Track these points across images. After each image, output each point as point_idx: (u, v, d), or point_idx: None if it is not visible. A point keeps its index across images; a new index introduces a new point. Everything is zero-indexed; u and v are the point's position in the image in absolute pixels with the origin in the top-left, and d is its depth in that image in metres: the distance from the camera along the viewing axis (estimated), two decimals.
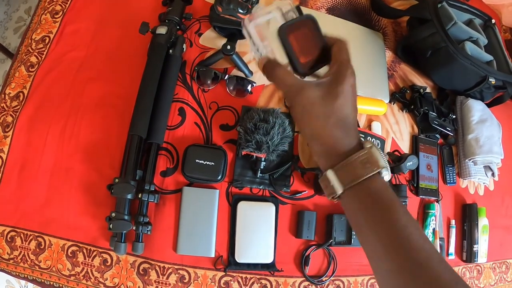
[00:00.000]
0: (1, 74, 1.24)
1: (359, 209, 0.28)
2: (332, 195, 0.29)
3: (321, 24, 0.69)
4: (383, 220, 0.27)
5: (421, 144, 0.68)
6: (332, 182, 0.28)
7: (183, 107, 0.57)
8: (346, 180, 0.27)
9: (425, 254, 0.25)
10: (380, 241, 0.27)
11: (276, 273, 0.53)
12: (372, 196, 0.27)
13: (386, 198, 0.27)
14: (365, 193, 0.27)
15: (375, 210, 0.27)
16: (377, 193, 0.27)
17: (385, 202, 0.27)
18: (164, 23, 0.57)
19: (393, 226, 0.26)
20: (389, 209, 0.27)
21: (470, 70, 0.66)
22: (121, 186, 0.49)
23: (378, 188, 0.27)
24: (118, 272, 0.51)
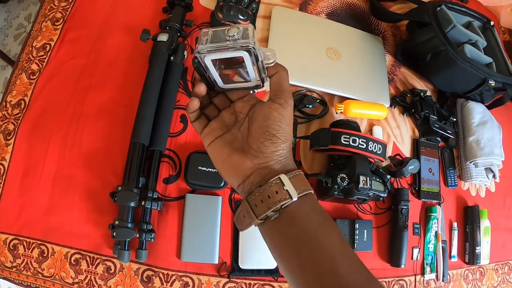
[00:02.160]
0: (1, 81, 1.24)
1: (284, 235, 0.26)
2: (282, 202, 0.25)
3: (322, 29, 0.69)
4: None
5: (422, 147, 0.68)
6: (286, 186, 0.25)
7: (185, 114, 0.57)
8: (303, 186, 0.26)
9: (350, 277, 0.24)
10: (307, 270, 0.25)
11: (280, 278, 0.53)
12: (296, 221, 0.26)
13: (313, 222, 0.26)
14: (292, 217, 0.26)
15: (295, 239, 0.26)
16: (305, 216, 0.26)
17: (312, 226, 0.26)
18: (165, 30, 0.57)
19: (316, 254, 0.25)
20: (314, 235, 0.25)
21: (470, 72, 0.67)
22: (124, 194, 0.49)
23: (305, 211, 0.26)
24: (121, 279, 0.51)
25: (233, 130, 0.31)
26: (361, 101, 0.63)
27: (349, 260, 0.25)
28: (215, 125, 0.31)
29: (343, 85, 0.63)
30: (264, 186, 0.26)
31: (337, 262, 0.24)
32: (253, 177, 0.27)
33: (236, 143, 0.30)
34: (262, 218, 0.26)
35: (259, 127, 0.28)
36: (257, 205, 0.26)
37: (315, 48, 0.64)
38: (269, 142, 0.27)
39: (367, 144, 0.54)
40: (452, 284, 0.66)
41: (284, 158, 0.28)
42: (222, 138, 0.30)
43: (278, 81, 0.28)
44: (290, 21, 0.66)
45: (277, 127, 0.27)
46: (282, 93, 0.28)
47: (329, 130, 0.53)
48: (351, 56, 0.66)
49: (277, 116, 0.27)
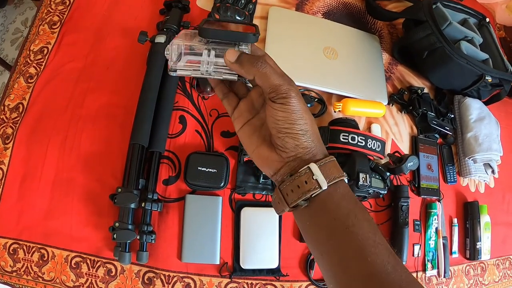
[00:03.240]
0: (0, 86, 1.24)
1: (316, 222, 0.26)
2: (311, 191, 0.25)
3: (319, 29, 0.70)
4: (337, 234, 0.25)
5: (421, 144, 0.69)
6: (316, 175, 0.25)
7: (184, 115, 0.57)
8: (330, 176, 0.26)
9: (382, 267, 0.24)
10: (336, 257, 0.25)
11: (282, 278, 0.53)
12: (328, 208, 0.26)
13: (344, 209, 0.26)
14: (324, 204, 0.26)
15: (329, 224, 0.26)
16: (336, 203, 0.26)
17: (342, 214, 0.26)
18: (163, 31, 0.57)
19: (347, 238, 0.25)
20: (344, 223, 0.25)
21: (467, 69, 0.67)
22: (124, 196, 0.49)
23: (338, 198, 0.26)
24: (123, 282, 0.51)
25: (261, 113, 0.29)
26: (359, 99, 0.63)
27: (377, 248, 0.24)
28: (243, 107, 0.30)
29: (341, 84, 0.63)
30: (294, 176, 0.26)
31: (365, 250, 0.24)
32: (283, 169, 0.27)
33: (263, 131, 0.29)
34: (293, 206, 0.26)
35: (273, 127, 0.27)
36: (288, 194, 0.26)
37: (312, 48, 0.64)
38: (289, 138, 0.26)
39: (366, 142, 0.54)
40: (453, 280, 0.66)
41: (311, 148, 0.27)
42: (251, 123, 0.30)
43: (264, 82, 0.26)
44: (287, 21, 0.66)
45: (289, 125, 0.26)
46: (276, 90, 0.25)
47: (327, 129, 0.54)
48: (348, 55, 0.67)
49: (283, 115, 0.26)
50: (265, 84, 0.26)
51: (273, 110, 0.26)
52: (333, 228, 0.25)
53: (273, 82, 0.26)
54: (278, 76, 0.26)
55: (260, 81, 0.26)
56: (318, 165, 0.26)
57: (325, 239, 0.26)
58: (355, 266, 0.24)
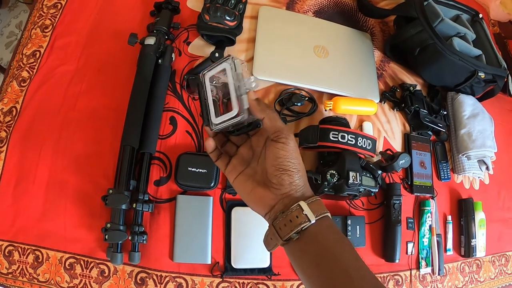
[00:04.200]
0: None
1: (306, 255, 0.30)
2: (302, 224, 0.29)
3: (309, 27, 0.70)
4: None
5: (414, 141, 0.69)
6: (305, 211, 0.30)
7: (174, 116, 0.58)
8: (320, 210, 0.30)
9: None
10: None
11: (273, 277, 0.54)
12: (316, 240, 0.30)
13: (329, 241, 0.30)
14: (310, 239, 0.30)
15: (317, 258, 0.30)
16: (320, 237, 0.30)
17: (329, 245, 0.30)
18: (153, 33, 0.58)
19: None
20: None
21: (459, 65, 0.67)
22: (114, 197, 0.49)
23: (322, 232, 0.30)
24: (116, 282, 0.51)
25: (252, 164, 0.35)
26: (350, 97, 0.63)
27: (360, 271, 0.29)
28: (235, 162, 0.35)
29: (332, 82, 0.63)
30: (287, 212, 0.30)
31: (350, 273, 0.28)
32: (277, 206, 0.31)
33: (257, 176, 0.34)
34: (286, 239, 0.30)
35: (272, 165, 0.31)
36: (281, 228, 0.30)
37: (303, 47, 0.64)
38: (286, 176, 0.31)
39: (356, 140, 0.54)
40: (448, 278, 0.66)
41: (302, 186, 0.31)
42: (244, 173, 0.34)
43: (271, 123, 0.31)
44: (277, 21, 0.66)
45: (288, 162, 0.31)
46: (280, 132, 0.31)
47: (317, 127, 0.54)
48: (339, 53, 0.67)
49: (284, 153, 0.31)
50: (272, 125, 0.31)
51: (275, 149, 0.31)
52: (322, 256, 0.29)
53: (279, 125, 0.31)
54: (281, 121, 0.32)
55: (268, 122, 0.32)
56: (306, 203, 0.30)
57: (315, 267, 0.29)
58: (343, 287, 0.28)
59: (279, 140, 0.31)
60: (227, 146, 0.37)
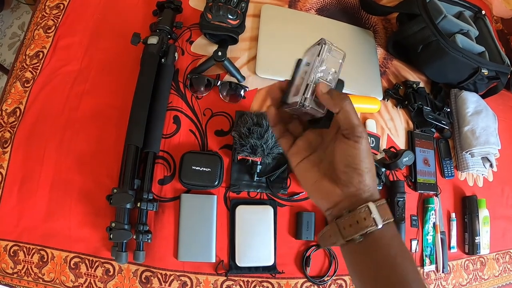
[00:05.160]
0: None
1: (365, 260, 0.29)
2: (368, 228, 0.28)
3: (312, 25, 0.70)
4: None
5: (417, 139, 0.68)
6: (374, 214, 0.28)
7: (178, 115, 0.58)
8: (387, 214, 0.28)
9: None
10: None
11: (278, 275, 0.54)
12: (380, 247, 0.28)
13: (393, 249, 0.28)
14: (375, 243, 0.28)
15: (377, 265, 0.28)
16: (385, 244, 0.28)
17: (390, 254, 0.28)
18: (155, 33, 0.58)
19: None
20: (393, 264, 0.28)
21: (462, 62, 0.67)
22: (119, 196, 0.49)
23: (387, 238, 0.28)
24: (121, 281, 0.51)
25: (319, 151, 0.32)
26: (353, 95, 0.63)
27: (418, 283, 0.28)
28: (301, 144, 0.32)
29: None
30: (354, 212, 0.28)
31: (408, 285, 0.27)
32: (342, 203, 0.29)
33: (323, 166, 0.31)
34: (348, 240, 0.28)
35: (341, 161, 0.29)
36: (345, 228, 0.28)
37: (305, 45, 0.64)
38: (355, 174, 0.29)
39: None
40: (452, 275, 0.66)
41: (370, 187, 0.29)
42: (309, 159, 0.32)
43: (345, 119, 0.28)
44: (280, 19, 0.66)
45: (358, 161, 0.28)
46: (353, 130, 0.28)
47: None
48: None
49: (355, 152, 0.28)
50: (346, 121, 0.28)
51: (346, 146, 0.29)
52: (382, 264, 0.28)
53: (353, 122, 0.28)
54: (357, 117, 0.29)
55: (342, 116, 0.28)
56: (375, 205, 0.28)
57: (374, 274, 0.28)
58: None
59: (352, 138, 0.28)
60: (292, 125, 0.33)
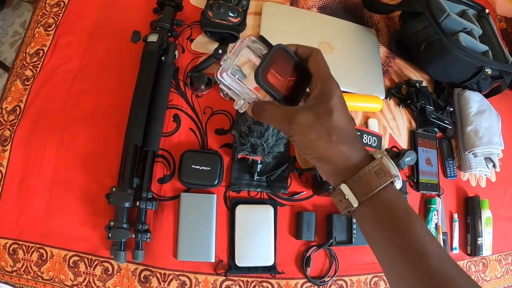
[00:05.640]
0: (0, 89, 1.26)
1: (376, 219, 0.28)
2: (347, 209, 0.28)
3: (314, 23, 0.69)
4: (400, 229, 0.27)
5: (420, 138, 0.68)
6: (348, 196, 0.27)
7: (178, 114, 0.57)
8: (361, 192, 0.27)
9: (440, 261, 0.26)
10: (398, 250, 0.27)
11: (278, 275, 0.53)
12: (388, 206, 0.27)
13: (401, 207, 0.27)
14: (380, 204, 0.27)
15: (391, 220, 0.27)
16: (392, 202, 0.27)
17: (401, 211, 0.27)
18: (156, 30, 0.57)
19: (410, 234, 0.26)
20: (405, 218, 0.27)
21: (466, 61, 0.66)
22: (118, 195, 0.49)
23: (393, 197, 0.27)
24: (119, 280, 0.51)
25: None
26: (355, 94, 0.62)
27: (432, 240, 0.27)
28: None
29: (337, 79, 0.62)
30: (333, 194, 0.29)
31: (422, 242, 0.26)
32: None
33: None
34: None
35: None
36: (337, 203, 0.29)
37: (307, 43, 0.62)
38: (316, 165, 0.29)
39: (362, 137, 0.53)
40: None
41: (339, 164, 0.28)
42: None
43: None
44: (281, 17, 0.65)
45: (306, 156, 0.29)
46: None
47: None
48: (344, 49, 0.66)
49: (298, 149, 0.30)
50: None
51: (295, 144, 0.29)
52: (394, 220, 0.27)
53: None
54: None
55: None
56: (348, 184, 0.27)
57: (387, 230, 0.27)
58: (416, 258, 0.26)
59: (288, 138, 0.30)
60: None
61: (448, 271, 0.25)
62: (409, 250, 0.26)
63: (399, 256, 0.27)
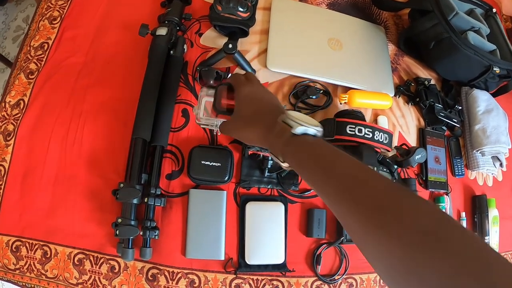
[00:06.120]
0: (1, 85, 1.24)
1: (300, 162, 0.32)
2: (280, 162, 0.34)
3: (323, 19, 0.70)
4: (322, 164, 0.31)
5: (428, 136, 0.67)
6: (272, 151, 0.34)
7: (187, 108, 0.56)
8: (278, 144, 0.34)
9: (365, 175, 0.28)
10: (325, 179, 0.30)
11: (288, 273, 0.52)
12: (306, 147, 0.32)
13: (322, 147, 0.32)
14: (299, 148, 0.32)
15: (313, 156, 0.31)
16: (311, 145, 0.32)
17: (322, 149, 0.32)
18: (164, 24, 0.56)
19: (333, 164, 0.30)
20: (326, 153, 0.31)
21: (474, 60, 0.66)
22: (126, 191, 0.48)
23: (311, 141, 0.33)
24: (126, 278, 0.50)
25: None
26: (365, 91, 0.62)
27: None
28: None
29: (346, 75, 0.62)
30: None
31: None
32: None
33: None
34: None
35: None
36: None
37: (317, 39, 0.63)
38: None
39: (373, 134, 0.53)
40: None
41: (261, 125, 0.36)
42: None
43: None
44: (291, 12, 0.65)
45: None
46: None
47: (334, 121, 0.52)
48: (353, 46, 0.66)
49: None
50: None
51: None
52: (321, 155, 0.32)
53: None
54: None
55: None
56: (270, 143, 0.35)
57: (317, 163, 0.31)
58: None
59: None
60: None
61: (373, 184, 0.26)
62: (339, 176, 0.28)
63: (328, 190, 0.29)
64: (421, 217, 0.22)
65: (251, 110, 0.38)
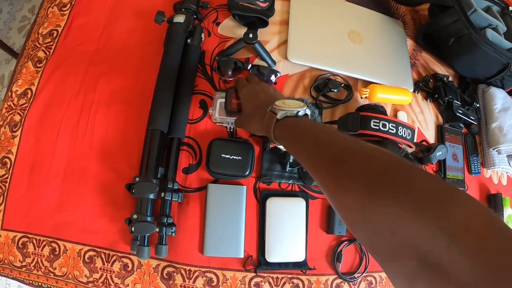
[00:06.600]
0: (7, 75, 1.20)
1: (288, 138, 0.37)
2: (272, 119, 0.38)
3: (342, 12, 0.70)
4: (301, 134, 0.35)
5: (447, 133, 0.66)
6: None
7: (204, 99, 0.54)
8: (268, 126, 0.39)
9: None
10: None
11: (308, 271, 0.50)
12: (292, 125, 0.37)
13: (305, 123, 0.37)
14: (287, 126, 0.37)
15: (297, 130, 0.36)
16: (296, 122, 0.37)
17: (306, 124, 0.37)
18: (181, 11, 0.54)
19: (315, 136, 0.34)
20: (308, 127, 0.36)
21: (493, 57, 0.65)
22: (142, 185, 0.45)
23: (297, 120, 0.37)
24: (140, 277, 0.48)
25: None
26: (386, 85, 0.60)
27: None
28: None
29: (367, 69, 0.61)
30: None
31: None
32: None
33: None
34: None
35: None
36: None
37: (337, 31, 0.61)
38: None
39: (397, 129, 0.51)
40: None
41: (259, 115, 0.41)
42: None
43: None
44: (310, 4, 0.63)
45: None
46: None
47: (358, 115, 0.51)
48: (373, 40, 0.64)
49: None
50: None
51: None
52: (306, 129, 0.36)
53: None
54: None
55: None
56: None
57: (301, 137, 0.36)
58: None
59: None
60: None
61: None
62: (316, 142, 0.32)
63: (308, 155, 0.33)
64: (373, 161, 0.26)
65: (251, 106, 0.45)
